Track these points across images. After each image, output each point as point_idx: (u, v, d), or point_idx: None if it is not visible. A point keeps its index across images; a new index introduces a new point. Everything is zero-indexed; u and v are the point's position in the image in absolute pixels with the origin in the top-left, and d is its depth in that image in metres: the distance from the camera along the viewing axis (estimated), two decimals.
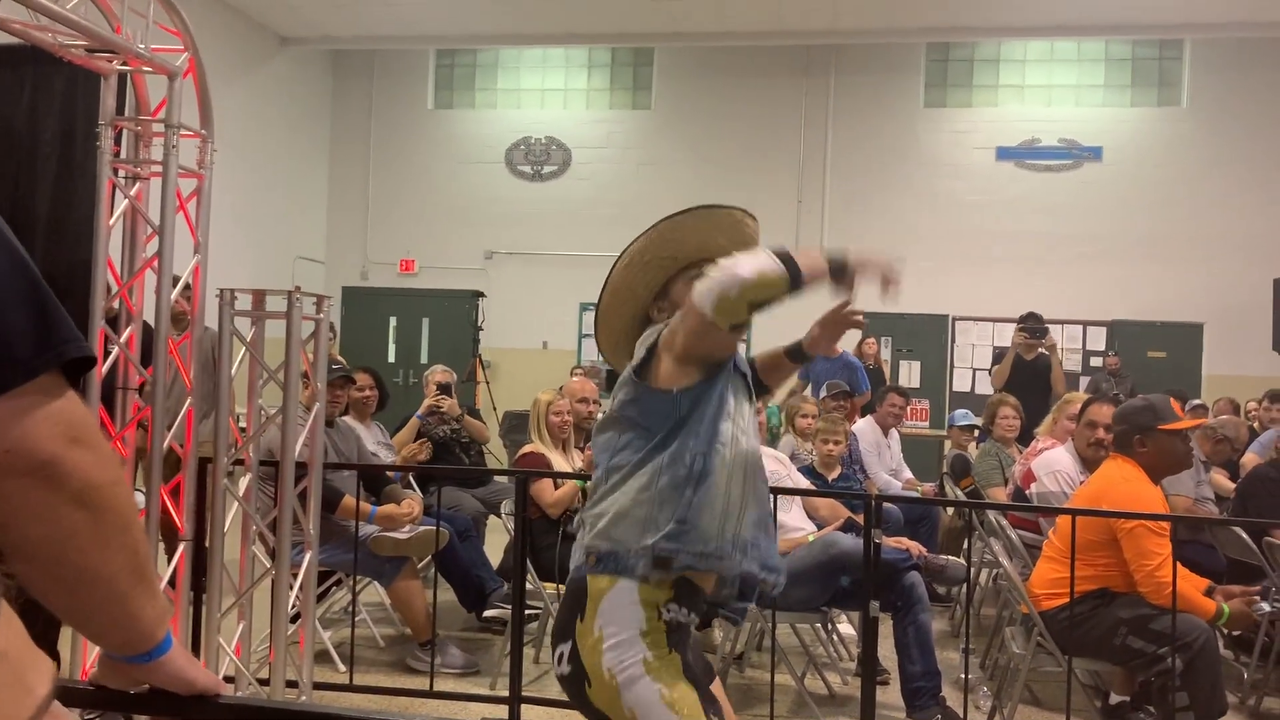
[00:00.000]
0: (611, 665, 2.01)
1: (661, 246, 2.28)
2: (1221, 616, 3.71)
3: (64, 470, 0.94)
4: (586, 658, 2.04)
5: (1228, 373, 10.98)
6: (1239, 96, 11.44)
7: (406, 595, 4.70)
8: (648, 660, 2.01)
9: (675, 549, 2.03)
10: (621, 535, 2.07)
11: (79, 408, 0.97)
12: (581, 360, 12.26)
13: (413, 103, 12.97)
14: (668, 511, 2.05)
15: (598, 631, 2.03)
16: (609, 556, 2.06)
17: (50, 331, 0.94)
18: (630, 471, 2.12)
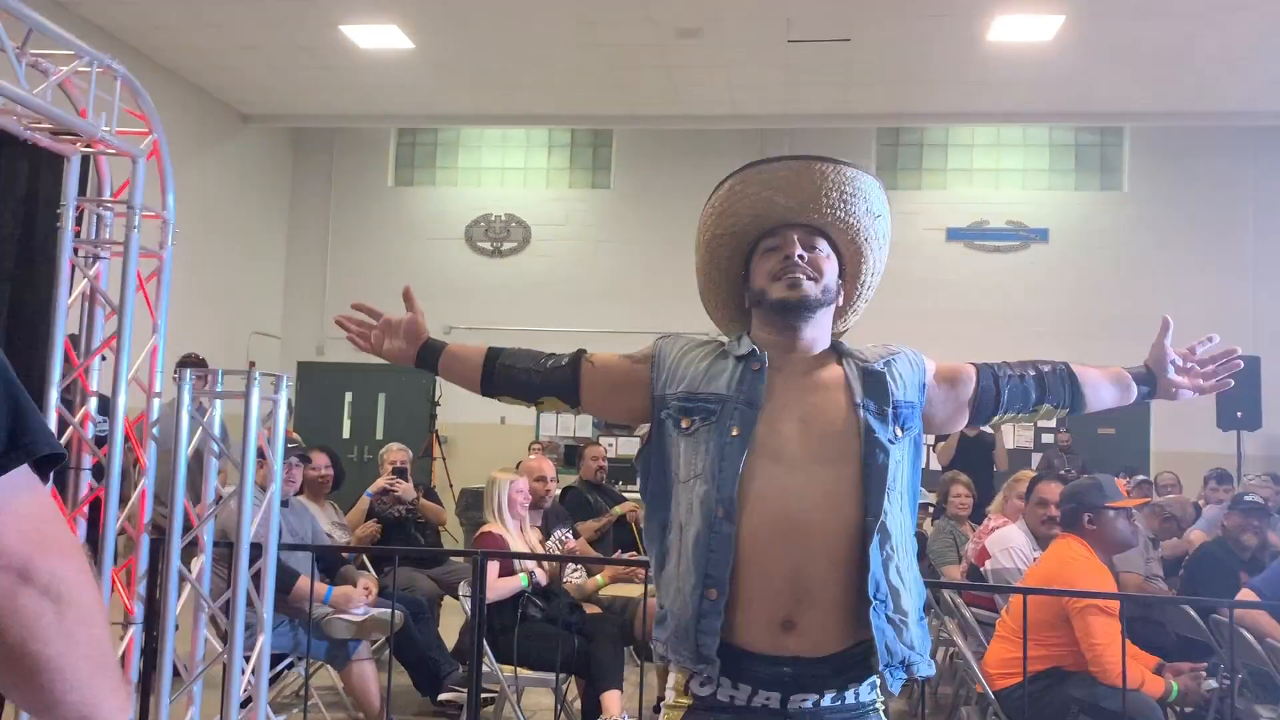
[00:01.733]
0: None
1: (719, 223, 2.04)
2: (1171, 694, 3.76)
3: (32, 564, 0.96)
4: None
5: (1175, 449, 11.20)
6: (1177, 181, 11.88)
7: (360, 678, 4.63)
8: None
9: (657, 638, 1.88)
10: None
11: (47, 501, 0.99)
12: (539, 436, 12.24)
13: (373, 179, 13.08)
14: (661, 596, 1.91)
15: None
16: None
17: (23, 428, 0.97)
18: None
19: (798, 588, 1.76)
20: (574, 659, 4.40)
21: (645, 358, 2.05)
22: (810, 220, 1.99)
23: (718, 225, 2.02)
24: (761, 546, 1.78)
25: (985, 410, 2.09)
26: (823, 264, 1.98)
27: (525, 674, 4.48)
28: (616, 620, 4.73)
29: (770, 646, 1.77)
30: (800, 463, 1.83)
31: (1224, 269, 11.72)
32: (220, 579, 4.25)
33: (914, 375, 1.99)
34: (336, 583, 4.81)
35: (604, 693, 4.29)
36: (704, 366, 1.96)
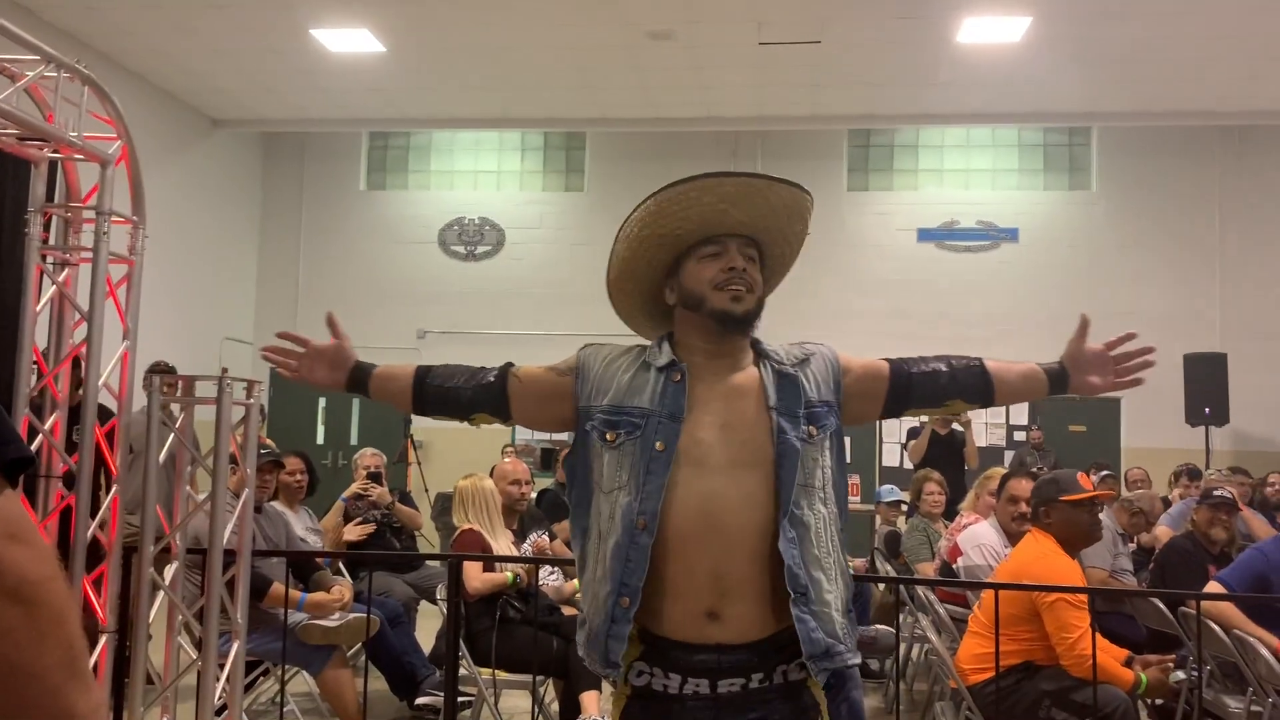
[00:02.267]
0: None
1: (660, 222, 2.04)
2: (1140, 686, 3.81)
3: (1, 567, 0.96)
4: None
5: (1144, 445, 11.34)
6: (1145, 181, 12.03)
7: (336, 684, 4.61)
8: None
9: (577, 641, 2.00)
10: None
11: (16, 505, 1.00)
12: (515, 439, 12.23)
13: (345, 183, 13.03)
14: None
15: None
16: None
17: None
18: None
19: (720, 583, 1.87)
20: (552, 661, 4.41)
21: (569, 369, 2.12)
22: (755, 234, 2.08)
23: (659, 225, 2.04)
24: (684, 547, 1.87)
25: (896, 404, 2.17)
26: (756, 275, 2.06)
27: (503, 676, 4.48)
28: None
29: (696, 636, 1.88)
30: (721, 467, 1.92)
31: (1191, 268, 11.87)
32: (194, 586, 4.23)
33: (828, 373, 2.08)
34: (311, 588, 4.80)
35: (582, 693, 4.30)
36: (627, 379, 2.03)
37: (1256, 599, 4.20)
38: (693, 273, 2.04)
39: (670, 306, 2.12)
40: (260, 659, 4.73)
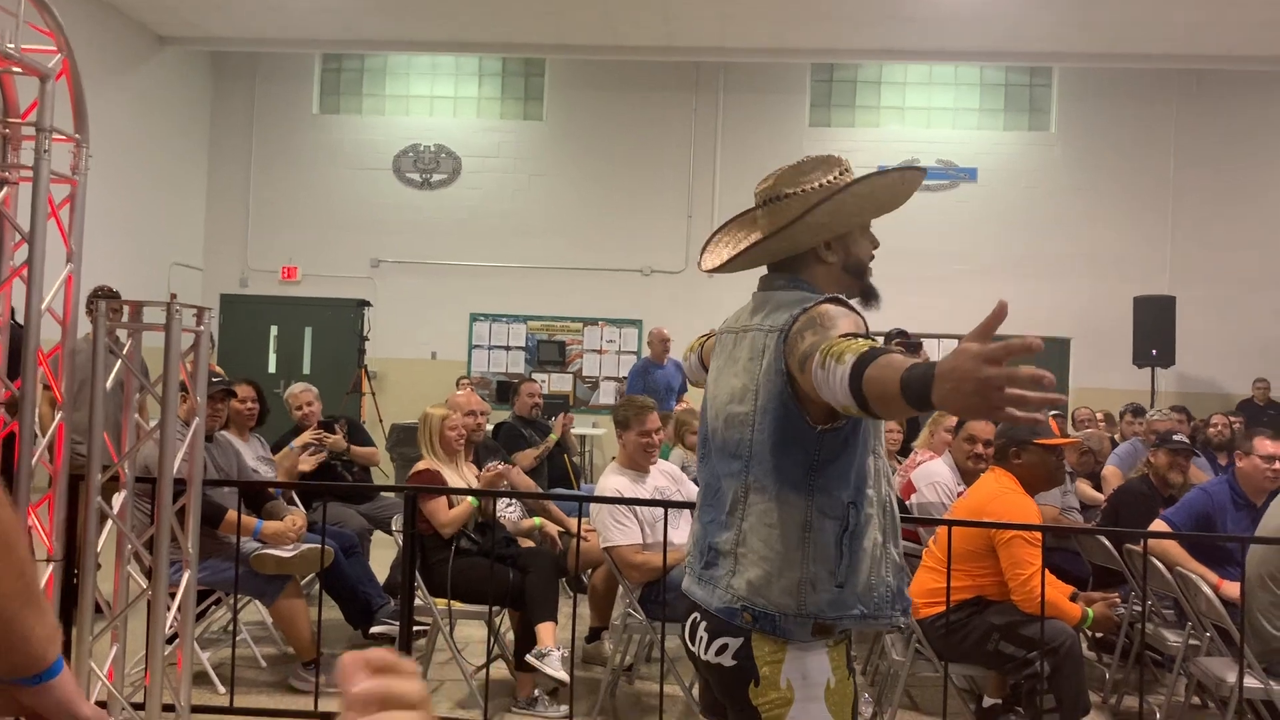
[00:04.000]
0: (793, 677, 1.92)
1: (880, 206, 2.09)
2: (1086, 621, 3.91)
3: None
4: (762, 661, 1.93)
5: (1093, 385, 11.54)
6: (1103, 123, 12.07)
7: (290, 614, 4.59)
8: (830, 686, 1.92)
9: (837, 617, 1.92)
10: (777, 597, 1.92)
11: None
12: (471, 371, 12.16)
13: (297, 107, 12.69)
14: (824, 572, 1.91)
15: (781, 643, 1.94)
16: (765, 620, 1.93)
17: None
18: (772, 506, 1.94)
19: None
20: (509, 592, 4.42)
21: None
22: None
23: (890, 202, 2.10)
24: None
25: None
26: None
27: (458, 607, 4.49)
28: (550, 554, 4.75)
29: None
30: None
31: (1144, 211, 11.99)
32: (144, 515, 4.16)
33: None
34: (265, 518, 4.75)
35: (538, 624, 4.32)
36: None
37: (1199, 537, 4.30)
38: (860, 243, 2.10)
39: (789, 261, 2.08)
40: (212, 588, 4.69)
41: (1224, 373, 11.71)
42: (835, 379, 1.64)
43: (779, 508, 1.92)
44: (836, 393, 1.65)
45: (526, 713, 4.36)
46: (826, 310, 1.89)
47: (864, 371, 1.58)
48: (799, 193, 2.03)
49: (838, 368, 1.63)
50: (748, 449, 1.97)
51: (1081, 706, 3.85)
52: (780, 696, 1.90)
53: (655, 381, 9.30)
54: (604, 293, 12.18)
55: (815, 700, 1.90)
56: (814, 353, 1.74)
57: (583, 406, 12.13)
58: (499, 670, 4.72)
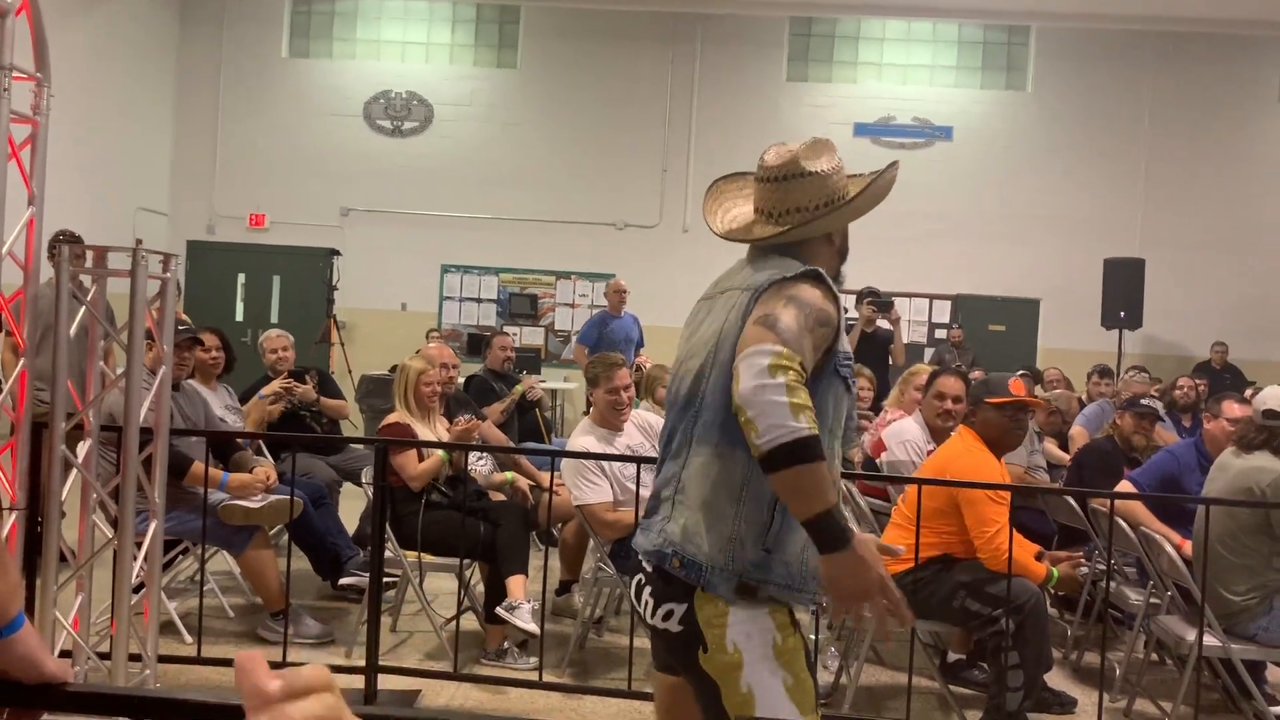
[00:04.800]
0: (738, 640, 1.91)
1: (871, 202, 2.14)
2: (1051, 579, 3.95)
3: None
4: (706, 625, 1.92)
5: (1061, 346, 11.64)
6: (1079, 84, 12.06)
7: (258, 564, 4.56)
8: (778, 644, 1.92)
9: (761, 579, 1.92)
10: (707, 548, 1.93)
11: None
12: (441, 324, 12.08)
13: (266, 50, 12.42)
14: (753, 533, 1.92)
15: (722, 605, 1.93)
16: (692, 566, 1.93)
17: None
18: (713, 459, 1.95)
19: None
20: (479, 545, 4.42)
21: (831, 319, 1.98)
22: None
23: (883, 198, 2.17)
24: None
25: None
26: None
27: (429, 559, 4.48)
28: (521, 507, 4.74)
29: None
30: None
31: (1117, 173, 12.04)
32: (109, 464, 4.11)
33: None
34: (232, 469, 4.70)
35: (509, 577, 4.32)
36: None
37: (1164, 498, 4.36)
38: (848, 232, 2.21)
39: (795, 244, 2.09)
40: (179, 538, 4.65)
41: (1188, 336, 11.85)
42: (775, 414, 1.70)
43: (719, 462, 1.94)
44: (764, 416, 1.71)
45: (496, 664, 4.37)
46: (802, 290, 1.91)
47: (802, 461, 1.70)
48: (816, 173, 2.07)
49: (787, 415, 1.70)
50: (699, 400, 1.99)
51: (1044, 663, 3.91)
52: (729, 660, 1.91)
53: (613, 333, 9.27)
54: (577, 246, 12.10)
55: (765, 659, 1.90)
56: (769, 332, 1.79)
57: (554, 360, 12.10)
58: (469, 622, 4.73)
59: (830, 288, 1.97)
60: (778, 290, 1.91)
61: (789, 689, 1.90)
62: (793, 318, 1.84)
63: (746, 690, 1.89)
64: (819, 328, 1.90)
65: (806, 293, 1.91)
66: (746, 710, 1.89)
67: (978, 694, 4.27)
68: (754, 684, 1.89)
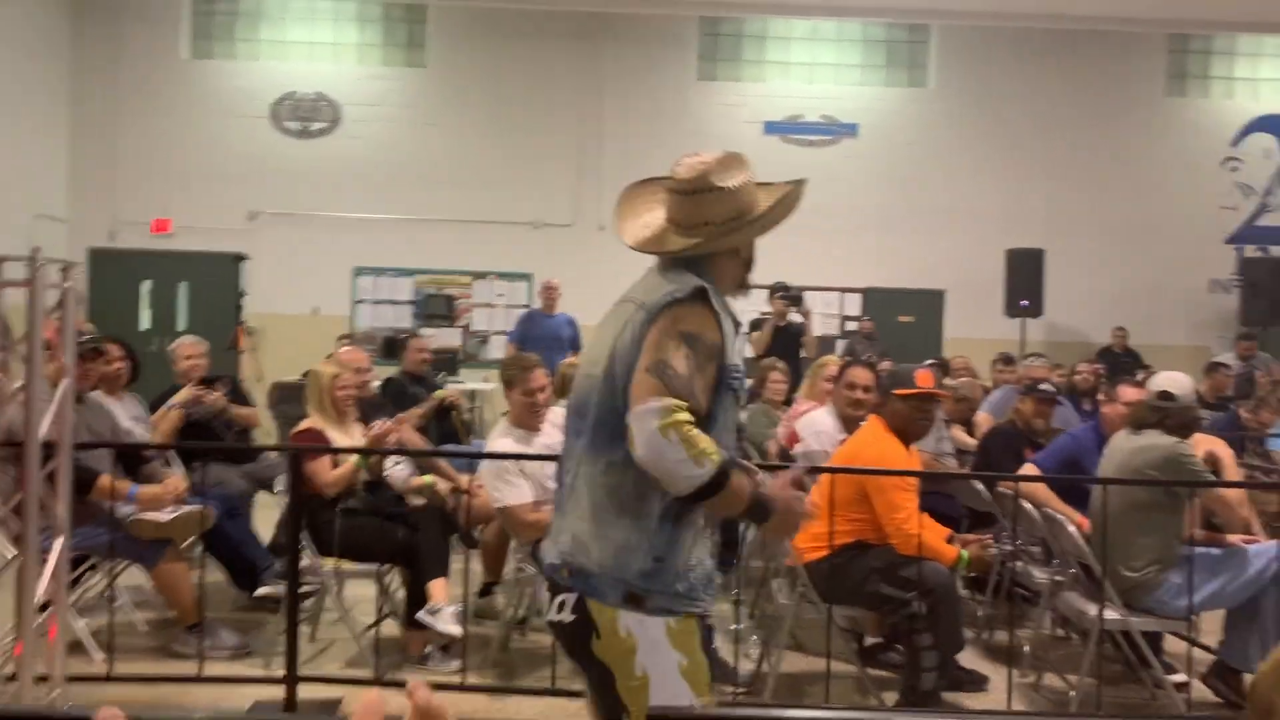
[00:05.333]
0: (631, 625, 1.95)
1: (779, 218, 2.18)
2: (961, 562, 4.09)
3: None
4: (600, 614, 1.96)
5: (966, 335, 11.94)
6: (978, 81, 12.41)
7: (171, 578, 4.48)
8: (670, 626, 1.95)
9: (649, 589, 1.96)
10: (596, 556, 1.97)
11: None
12: (355, 327, 11.91)
13: (166, 51, 12.09)
14: (643, 542, 1.96)
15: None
16: (580, 577, 1.97)
17: None
18: (604, 469, 2.00)
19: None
20: (399, 550, 4.39)
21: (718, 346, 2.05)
22: None
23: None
24: None
25: None
26: None
27: (347, 566, 4.44)
28: (441, 511, 4.72)
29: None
30: None
31: (1017, 166, 12.40)
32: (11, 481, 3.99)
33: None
34: (142, 481, 4.60)
35: (430, 581, 4.30)
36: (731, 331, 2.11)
37: (1065, 480, 4.54)
38: (754, 244, 2.25)
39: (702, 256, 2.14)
40: (88, 554, 4.53)
41: (1088, 322, 12.27)
42: (679, 467, 1.86)
43: (610, 472, 1.98)
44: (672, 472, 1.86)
45: (419, 669, 4.36)
46: (691, 321, 1.99)
47: (725, 484, 1.89)
48: (726, 189, 2.11)
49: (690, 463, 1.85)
50: (591, 410, 2.04)
51: (956, 643, 4.05)
52: (623, 644, 1.95)
53: (541, 331, 9.26)
54: (493, 246, 12.03)
55: (659, 642, 1.95)
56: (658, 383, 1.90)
57: (472, 362, 12.02)
58: (390, 628, 4.70)
59: (715, 310, 2.04)
60: (671, 323, 1.97)
61: (683, 670, 1.95)
62: (683, 363, 1.93)
63: (641, 673, 1.93)
64: (708, 364, 1.98)
65: (696, 323, 1.99)
66: (641, 694, 1.93)
67: (894, 676, 4.39)
68: (648, 666, 1.93)
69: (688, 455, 1.85)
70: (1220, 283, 12.61)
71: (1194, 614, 4.09)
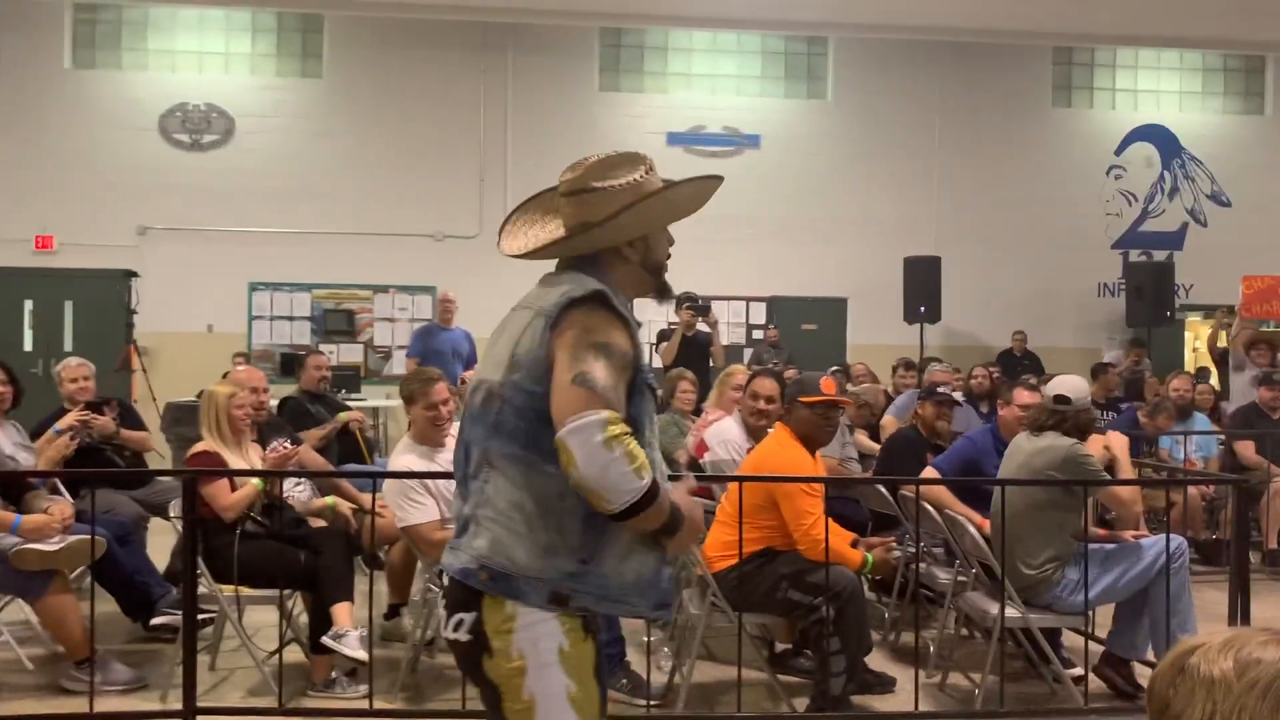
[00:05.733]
0: (523, 646, 1.91)
1: (683, 210, 2.19)
2: (866, 565, 4.15)
3: None
4: (493, 632, 1.92)
5: (868, 342, 12.20)
6: (874, 92, 12.70)
7: (58, 611, 4.27)
8: (564, 650, 1.92)
9: (575, 589, 1.93)
10: (521, 558, 1.92)
11: None
12: (252, 344, 11.60)
13: (46, 60, 11.63)
14: (568, 544, 1.93)
15: (510, 609, 1.92)
16: (502, 580, 1.92)
17: None
18: (522, 473, 1.95)
19: None
20: (300, 574, 4.27)
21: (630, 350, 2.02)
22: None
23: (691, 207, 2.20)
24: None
25: None
26: None
27: (246, 592, 4.30)
28: (343, 533, 4.61)
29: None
30: None
31: (912, 176, 12.73)
32: None
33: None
34: (24, 510, 4.38)
35: (333, 605, 4.19)
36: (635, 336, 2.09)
37: (965, 482, 4.64)
38: (660, 244, 2.19)
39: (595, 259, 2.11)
40: None
41: (984, 327, 12.64)
42: (621, 481, 1.83)
43: (529, 475, 1.94)
44: (613, 486, 1.83)
45: (324, 695, 4.24)
46: (599, 328, 1.95)
47: (653, 502, 1.87)
48: (607, 188, 2.06)
49: (631, 477, 1.83)
50: (496, 417, 1.99)
51: (864, 646, 4.10)
52: (514, 667, 1.92)
53: (440, 344, 9.15)
54: (394, 259, 11.85)
55: (549, 666, 1.92)
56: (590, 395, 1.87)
57: (374, 378, 11.81)
58: (293, 654, 4.56)
59: (617, 309, 2.00)
60: (582, 335, 1.93)
61: (571, 697, 1.91)
62: (604, 373, 1.90)
63: (529, 697, 1.91)
64: (624, 371, 1.96)
65: (605, 332, 1.95)
66: (526, 717, 1.91)
67: (804, 681, 4.43)
68: (535, 691, 1.91)
69: (631, 468, 1.83)
70: (1107, 286, 13.12)
71: (1091, 609, 4.22)
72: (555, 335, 1.94)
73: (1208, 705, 1.10)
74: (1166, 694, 1.14)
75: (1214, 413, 8.19)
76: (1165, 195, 13.36)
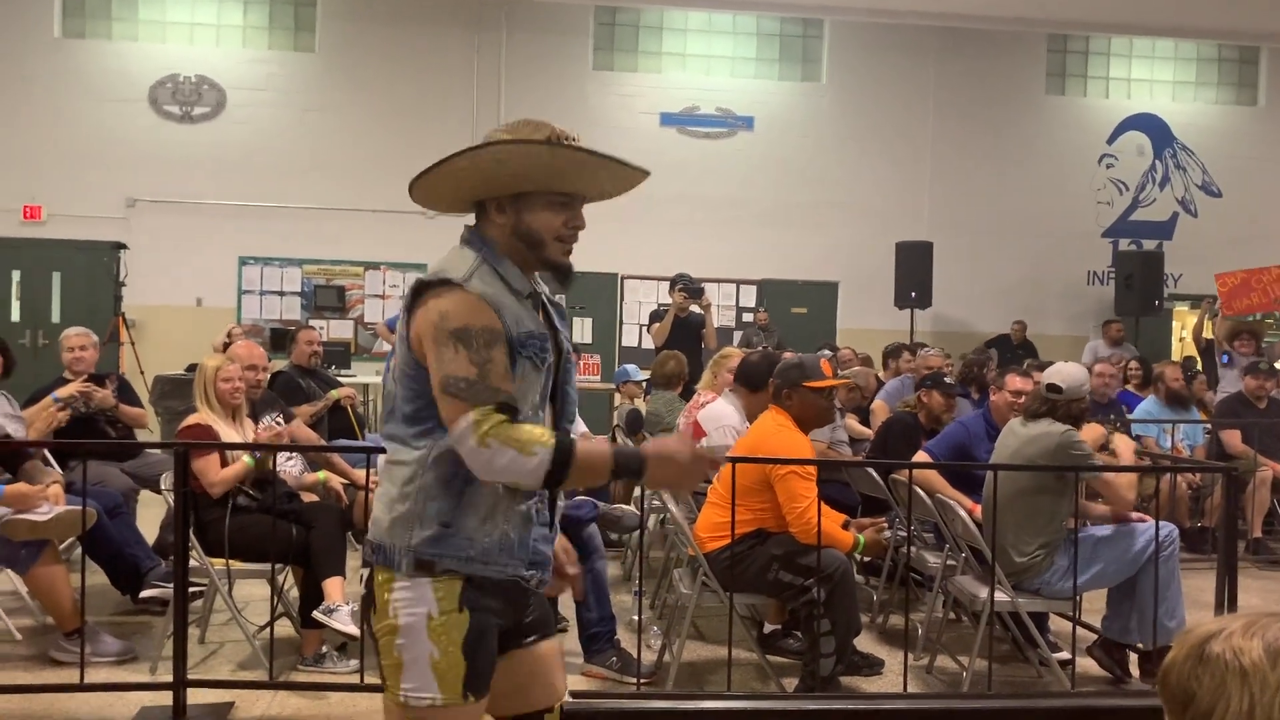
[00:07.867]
0: (399, 607, 2.00)
1: (552, 177, 2.04)
2: (857, 547, 4.17)
3: None
4: (379, 589, 2.03)
5: (858, 326, 12.22)
6: (869, 76, 12.67)
7: (48, 582, 4.26)
8: (432, 617, 1.98)
9: (437, 554, 2.00)
10: (387, 527, 2.03)
11: None
12: (241, 318, 11.55)
13: (35, 29, 11.51)
14: (431, 510, 2.01)
15: (388, 575, 2.03)
16: (380, 552, 2.04)
17: None
18: (397, 448, 2.06)
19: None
20: (292, 548, 4.26)
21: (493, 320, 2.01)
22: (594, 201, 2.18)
23: (550, 171, 2.03)
24: None
25: None
26: None
27: (237, 566, 4.29)
28: (335, 508, 4.60)
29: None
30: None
31: (905, 161, 12.72)
32: None
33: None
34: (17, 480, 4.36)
35: (325, 579, 4.19)
36: (514, 304, 2.06)
37: (957, 467, 4.66)
38: (540, 214, 2.08)
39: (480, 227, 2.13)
40: None
41: (975, 314, 12.67)
42: (514, 466, 1.89)
43: (405, 449, 2.05)
44: (511, 473, 1.91)
45: (315, 669, 4.25)
46: (450, 315, 1.97)
47: (569, 464, 1.91)
48: (492, 144, 2.04)
49: (522, 459, 1.89)
50: (392, 397, 2.10)
51: (853, 628, 4.12)
52: (388, 625, 2.02)
53: None
54: (386, 235, 11.79)
55: (416, 630, 1.99)
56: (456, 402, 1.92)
57: (365, 354, 11.78)
58: (284, 629, 4.56)
59: (473, 293, 1.99)
60: (438, 326, 1.97)
61: (434, 662, 1.98)
62: (465, 365, 1.94)
63: (397, 655, 2.00)
64: (495, 345, 1.97)
65: (459, 315, 1.97)
66: (394, 674, 2.01)
67: (794, 662, 4.46)
68: (403, 650, 1.99)
69: (516, 453, 1.89)
70: (1097, 275, 13.17)
71: (1079, 594, 4.25)
72: (411, 319, 2.03)
73: (1244, 698, 1.03)
74: (1189, 686, 1.08)
75: (1200, 402, 8.24)
76: (1156, 185, 13.40)
